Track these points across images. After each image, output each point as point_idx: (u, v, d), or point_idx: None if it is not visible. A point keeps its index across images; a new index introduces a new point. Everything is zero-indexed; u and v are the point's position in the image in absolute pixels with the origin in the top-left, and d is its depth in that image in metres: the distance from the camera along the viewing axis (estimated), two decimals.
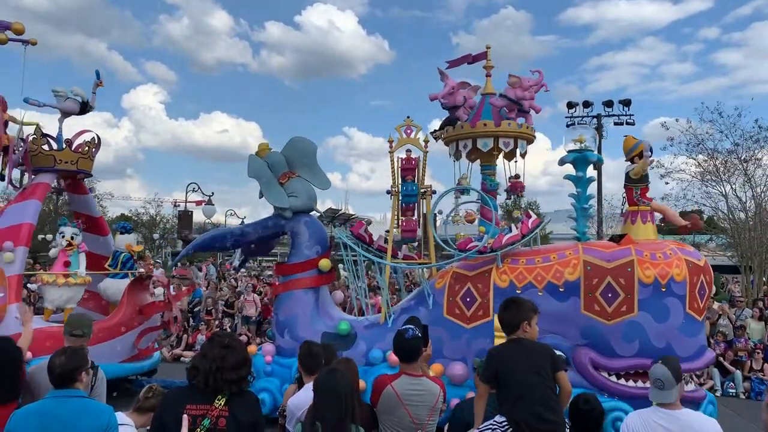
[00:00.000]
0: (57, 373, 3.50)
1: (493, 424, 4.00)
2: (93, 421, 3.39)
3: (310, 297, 8.30)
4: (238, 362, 3.29)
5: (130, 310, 8.84)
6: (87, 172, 9.61)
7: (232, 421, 3.18)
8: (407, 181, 8.40)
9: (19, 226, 8.58)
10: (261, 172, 8.36)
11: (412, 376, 4.12)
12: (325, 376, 3.54)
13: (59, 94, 9.19)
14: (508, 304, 4.36)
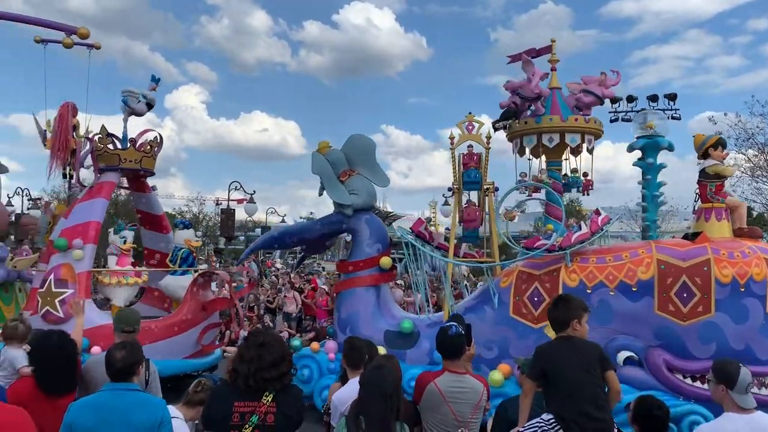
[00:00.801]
0: (118, 368, 3.54)
1: (539, 422, 3.91)
2: (148, 414, 3.43)
3: (371, 295, 8.28)
4: (276, 360, 3.30)
5: (194, 306, 8.95)
6: (150, 171, 9.78)
7: (281, 416, 3.23)
8: (469, 169, 8.27)
9: (87, 224, 8.78)
10: (324, 168, 8.36)
11: (455, 374, 4.09)
12: (371, 372, 3.54)
13: (133, 95, 9.37)
14: (558, 302, 4.32)
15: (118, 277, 8.90)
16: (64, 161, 10.07)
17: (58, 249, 8.58)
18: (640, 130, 7.57)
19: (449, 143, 8.44)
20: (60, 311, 8.19)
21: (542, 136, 8.00)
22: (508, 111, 7.95)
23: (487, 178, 8.37)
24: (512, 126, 8.19)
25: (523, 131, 8.13)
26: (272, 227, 11.54)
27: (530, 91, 7.71)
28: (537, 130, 7.99)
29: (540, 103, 7.94)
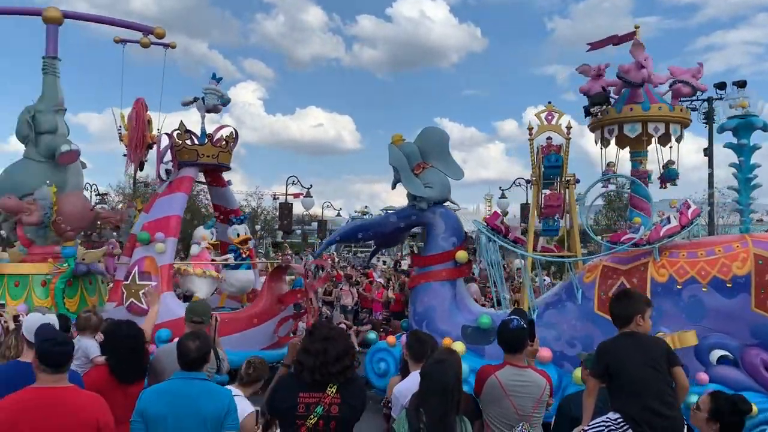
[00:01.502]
0: (192, 358, 3.61)
1: (606, 421, 3.81)
2: (216, 402, 3.51)
3: (447, 289, 8.19)
4: (340, 353, 3.36)
5: (270, 298, 9.08)
6: (226, 166, 9.97)
7: (345, 407, 3.31)
8: (550, 153, 8.05)
9: (168, 218, 9.04)
10: (400, 160, 8.30)
11: (516, 367, 4.08)
12: (433, 365, 3.52)
13: (216, 93, 9.60)
14: (621, 297, 4.26)
15: (203, 269, 9.09)
16: (141, 156, 10.41)
17: (141, 242, 8.86)
18: (732, 109, 7.16)
19: (528, 134, 8.24)
20: (144, 303, 8.45)
21: (624, 126, 7.68)
22: (598, 96, 7.59)
23: (567, 169, 8.13)
24: (606, 110, 7.81)
25: (604, 121, 7.80)
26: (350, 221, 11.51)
27: (638, 77, 7.33)
28: (618, 120, 7.66)
29: (641, 91, 7.59)
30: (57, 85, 10.28)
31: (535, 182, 8.19)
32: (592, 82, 7.63)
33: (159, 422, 3.40)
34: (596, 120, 7.92)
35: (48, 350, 3.29)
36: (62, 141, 9.41)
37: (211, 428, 3.43)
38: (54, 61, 10.34)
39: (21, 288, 9.35)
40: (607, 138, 7.88)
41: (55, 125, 9.81)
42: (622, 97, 7.64)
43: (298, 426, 3.31)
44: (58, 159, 9.27)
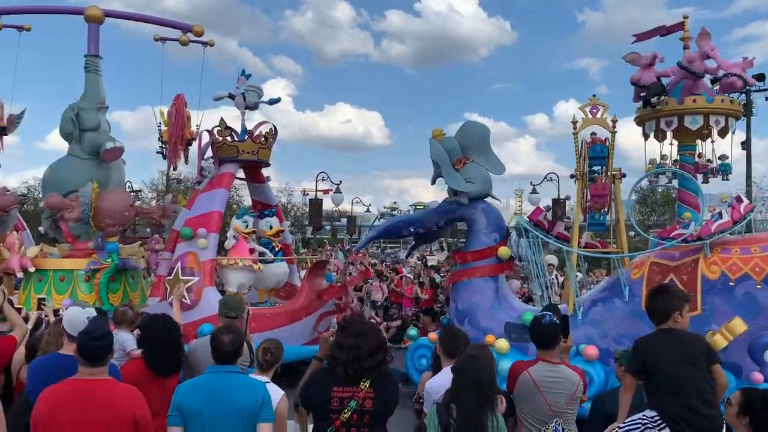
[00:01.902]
0: (227, 351, 3.64)
1: (642, 419, 3.75)
2: (250, 395, 3.54)
3: (489, 285, 8.09)
4: (373, 348, 3.39)
5: (310, 294, 9.10)
6: (266, 162, 10.00)
7: (378, 401, 3.37)
8: (595, 144, 7.89)
9: (210, 214, 9.11)
10: (441, 155, 8.22)
11: (549, 363, 4.04)
12: (467, 361, 3.51)
13: (256, 90, 9.66)
14: (658, 293, 4.17)
15: (236, 259, 9.13)
16: (180, 152, 10.54)
17: (183, 238, 8.94)
18: None
19: (572, 128, 8.09)
20: (187, 298, 8.53)
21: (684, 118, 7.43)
22: (656, 86, 7.31)
23: (613, 164, 7.96)
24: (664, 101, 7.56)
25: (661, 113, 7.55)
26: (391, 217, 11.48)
27: (701, 68, 7.07)
28: (680, 111, 7.40)
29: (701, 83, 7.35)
30: (99, 82, 10.44)
31: (580, 177, 8.03)
32: (643, 71, 7.40)
33: (195, 416, 3.43)
34: (651, 112, 7.65)
35: (86, 344, 3.36)
36: (106, 138, 9.55)
37: (246, 421, 3.46)
38: (96, 60, 10.50)
39: (66, 283, 9.54)
40: (663, 130, 7.64)
41: (98, 122, 9.96)
42: (677, 89, 7.42)
43: (332, 420, 3.35)
44: (103, 156, 9.41)
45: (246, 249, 9.18)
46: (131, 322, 5.92)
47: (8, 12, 10.81)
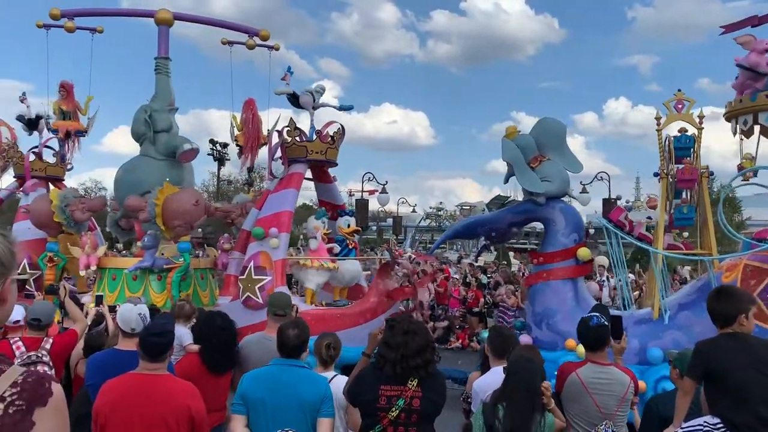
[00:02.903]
0: (292, 345, 3.73)
1: (703, 425, 3.53)
2: (313, 389, 3.62)
3: (569, 288, 7.84)
4: (421, 347, 3.41)
5: (380, 294, 9.01)
6: (333, 162, 9.97)
7: (426, 400, 3.39)
8: (682, 134, 7.56)
9: (281, 214, 9.14)
10: (516, 155, 8.01)
11: (598, 365, 4.01)
12: (519, 363, 3.51)
13: (321, 91, 9.72)
14: (722, 294, 3.96)
15: (320, 261, 9.14)
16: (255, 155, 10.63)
17: (255, 237, 8.98)
18: None
19: (656, 124, 7.76)
20: (259, 297, 8.55)
21: (758, 115, 7.06)
22: None
23: (700, 161, 7.61)
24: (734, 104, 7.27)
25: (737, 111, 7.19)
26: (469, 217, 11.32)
27: None
28: (754, 108, 7.06)
29: None
30: (169, 84, 10.59)
31: (664, 176, 7.70)
32: (757, 55, 6.98)
33: (258, 406, 3.54)
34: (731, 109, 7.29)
35: (144, 340, 3.47)
36: (182, 140, 9.67)
37: (308, 414, 3.53)
38: (166, 62, 10.66)
39: (138, 282, 9.68)
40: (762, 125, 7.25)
41: (170, 124, 10.10)
42: None
43: (380, 418, 3.39)
44: (180, 157, 9.54)
45: (325, 249, 9.20)
46: (188, 316, 6.00)
47: (82, 14, 11.07)
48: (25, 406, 1.53)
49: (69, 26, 10.66)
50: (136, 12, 11.53)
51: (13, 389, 1.54)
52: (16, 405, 1.52)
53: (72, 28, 10.70)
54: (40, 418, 1.54)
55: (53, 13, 10.60)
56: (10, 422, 1.49)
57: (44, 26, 10.71)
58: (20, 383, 1.55)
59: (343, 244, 10.04)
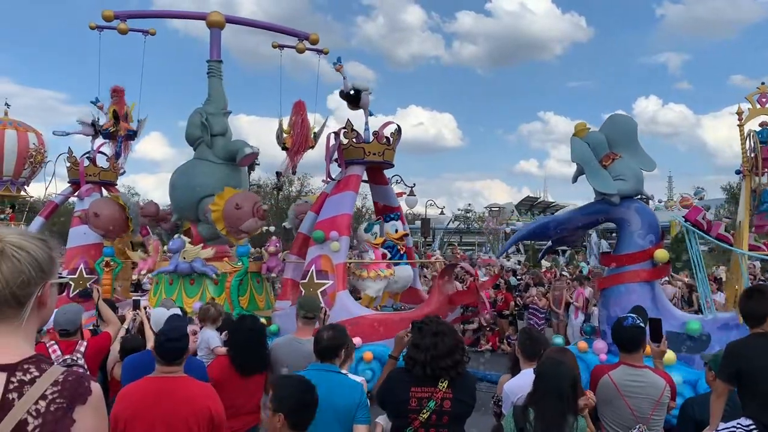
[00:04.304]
0: (323, 346, 3.74)
1: (737, 428, 3.58)
2: (349, 394, 3.61)
3: (645, 291, 7.51)
4: (450, 348, 3.39)
5: (441, 299, 8.78)
6: (390, 163, 9.79)
7: (456, 402, 3.37)
8: (765, 128, 7.23)
9: (340, 217, 8.97)
10: (586, 155, 7.72)
11: (632, 367, 3.95)
12: (550, 366, 3.44)
13: (368, 93, 9.61)
14: (753, 294, 3.95)
15: (376, 270, 8.98)
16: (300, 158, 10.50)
17: (316, 241, 8.83)
18: None
19: (736, 119, 7.41)
20: (322, 302, 8.38)
21: None
22: None
23: None
24: None
25: None
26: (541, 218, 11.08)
27: None
28: None
29: None
30: (222, 87, 10.53)
31: (747, 173, 7.34)
32: None
33: None
34: None
35: (160, 344, 3.53)
36: (242, 143, 9.61)
37: (343, 420, 3.53)
38: (218, 65, 10.60)
39: (196, 286, 9.61)
40: None
41: (226, 127, 10.04)
42: None
43: (411, 420, 3.37)
44: (241, 161, 9.47)
45: (380, 257, 9.05)
46: (214, 319, 6.03)
47: (135, 16, 11.08)
48: (66, 404, 1.59)
49: (122, 28, 10.66)
50: (188, 14, 11.51)
51: (54, 388, 1.59)
52: (57, 403, 1.58)
53: (125, 30, 10.70)
54: (80, 416, 1.60)
55: (106, 14, 10.62)
56: (52, 419, 1.55)
57: (97, 28, 10.70)
58: (61, 382, 1.61)
59: (393, 250, 9.87)
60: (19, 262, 1.60)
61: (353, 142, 9.36)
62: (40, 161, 17.88)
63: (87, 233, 10.63)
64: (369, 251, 9.07)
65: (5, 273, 1.58)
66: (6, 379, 1.56)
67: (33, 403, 1.55)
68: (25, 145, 17.11)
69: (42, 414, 1.54)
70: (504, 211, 69.52)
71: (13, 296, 1.60)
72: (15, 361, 1.59)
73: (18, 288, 1.60)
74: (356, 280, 9.07)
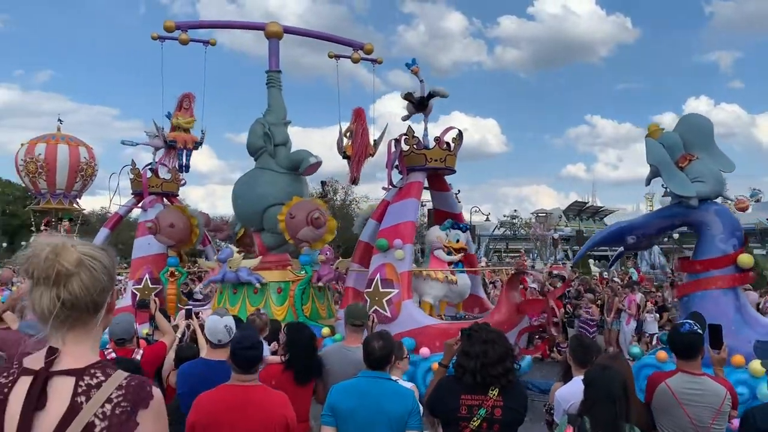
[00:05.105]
0: (377, 357, 3.73)
1: None
2: (400, 402, 3.61)
3: (729, 298, 7.14)
4: (501, 356, 3.39)
5: (510, 307, 8.56)
6: (452, 169, 9.65)
7: (507, 410, 3.34)
8: None
9: (403, 225, 8.87)
10: (662, 157, 7.44)
11: (690, 374, 3.84)
12: (597, 372, 3.40)
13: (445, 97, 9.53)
14: None
15: (445, 273, 8.83)
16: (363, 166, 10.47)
17: (379, 249, 8.75)
18: None
19: None
20: (387, 311, 8.29)
21: None
22: None
23: None
24: None
25: None
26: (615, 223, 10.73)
27: None
28: None
29: None
30: (282, 97, 10.60)
31: None
32: None
33: (347, 418, 3.56)
34: None
35: (236, 353, 3.55)
36: (306, 153, 9.65)
37: (395, 427, 3.53)
38: (277, 75, 10.69)
39: (259, 295, 9.66)
40: None
41: (287, 137, 10.11)
42: None
43: (461, 428, 3.37)
44: (305, 170, 9.50)
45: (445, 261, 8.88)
46: (260, 329, 6.06)
47: (195, 27, 11.27)
48: (130, 408, 1.64)
49: (183, 38, 10.85)
50: (247, 24, 11.67)
51: (119, 392, 1.66)
52: (122, 406, 1.64)
53: (186, 41, 10.89)
54: (143, 420, 1.66)
55: (168, 25, 10.82)
56: (117, 422, 1.61)
57: (159, 38, 10.90)
58: (125, 386, 1.67)
59: None
60: (95, 270, 1.71)
61: (414, 149, 9.25)
62: (91, 174, 18.43)
63: (151, 243, 10.82)
64: (441, 248, 8.87)
65: (85, 281, 1.68)
66: (75, 383, 1.64)
67: (99, 407, 1.62)
68: (76, 159, 17.68)
69: (108, 417, 1.62)
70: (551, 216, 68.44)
71: (93, 303, 1.71)
72: (83, 366, 1.67)
73: (97, 295, 1.71)
74: (421, 281, 8.89)
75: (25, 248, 1.71)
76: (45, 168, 17.19)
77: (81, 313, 1.70)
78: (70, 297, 1.66)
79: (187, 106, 11.42)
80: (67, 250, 1.68)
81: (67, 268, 1.65)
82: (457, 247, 9.65)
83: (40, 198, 17.81)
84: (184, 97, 11.48)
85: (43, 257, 1.65)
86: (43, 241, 1.70)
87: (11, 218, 57.75)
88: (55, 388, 1.62)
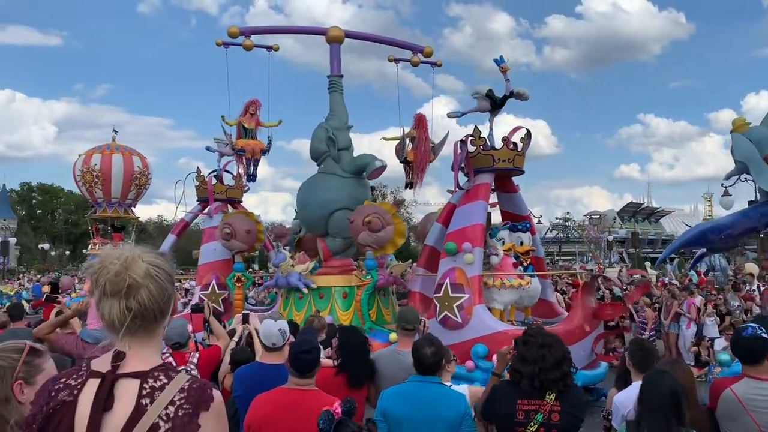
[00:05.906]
0: (429, 364, 3.70)
1: None
2: (452, 406, 3.58)
3: None
4: (558, 360, 3.31)
5: (585, 313, 8.27)
6: (520, 170, 9.42)
7: (565, 415, 3.27)
8: None
9: (472, 227, 8.69)
10: (750, 153, 7.07)
11: (756, 380, 3.65)
12: (652, 376, 3.30)
13: (478, 95, 9.36)
14: None
15: (502, 280, 8.60)
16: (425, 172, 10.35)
17: (448, 253, 8.60)
18: None
19: None
20: (458, 316, 8.12)
21: None
22: None
23: None
24: None
25: None
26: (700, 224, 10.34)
27: None
28: None
29: None
30: (343, 102, 10.58)
31: None
32: None
33: (399, 423, 3.55)
34: None
35: (295, 357, 3.58)
36: (371, 157, 9.61)
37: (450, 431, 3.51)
38: (338, 80, 10.68)
39: (325, 300, 9.63)
40: None
41: (349, 142, 10.08)
42: None
43: None
44: (371, 174, 9.46)
45: (511, 265, 8.62)
46: (318, 330, 6.06)
47: (258, 32, 11.37)
48: (192, 410, 1.68)
49: (247, 44, 10.95)
50: (309, 30, 11.73)
51: (181, 394, 1.69)
52: (184, 408, 1.67)
53: (250, 46, 10.99)
54: (204, 421, 1.68)
55: (231, 31, 10.95)
56: (180, 423, 1.65)
57: (223, 44, 11.01)
58: (187, 389, 1.70)
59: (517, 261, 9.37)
60: (161, 279, 1.76)
61: (481, 150, 9.07)
62: (144, 183, 18.92)
63: (217, 249, 10.94)
64: (498, 254, 8.65)
65: (153, 291, 1.73)
66: (139, 386, 1.69)
67: (163, 408, 1.66)
68: (130, 169, 18.14)
69: (171, 418, 1.65)
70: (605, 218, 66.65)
71: (160, 311, 1.76)
72: (147, 369, 1.72)
73: (164, 303, 1.77)
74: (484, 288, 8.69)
75: (92, 258, 1.73)
76: (100, 177, 17.72)
77: (149, 321, 1.75)
78: (140, 307, 1.71)
79: (253, 111, 11.50)
80: (136, 262, 1.73)
81: (137, 280, 1.71)
82: (522, 250, 9.38)
83: (97, 207, 18.37)
84: (251, 104, 11.57)
85: (114, 271, 1.70)
86: (112, 252, 1.75)
87: (73, 227, 60.24)
88: (121, 390, 1.68)
